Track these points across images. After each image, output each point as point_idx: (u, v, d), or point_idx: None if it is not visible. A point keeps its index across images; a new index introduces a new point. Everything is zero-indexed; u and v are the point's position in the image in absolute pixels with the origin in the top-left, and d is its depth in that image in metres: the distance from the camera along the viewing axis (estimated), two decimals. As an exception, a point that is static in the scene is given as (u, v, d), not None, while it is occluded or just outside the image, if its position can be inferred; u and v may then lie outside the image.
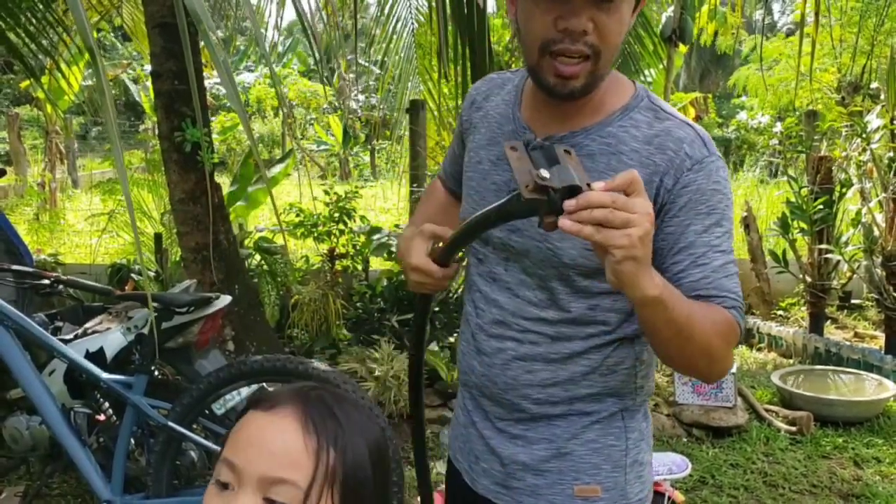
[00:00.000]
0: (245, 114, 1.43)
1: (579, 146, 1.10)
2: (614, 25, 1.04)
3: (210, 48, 1.30)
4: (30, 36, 3.62)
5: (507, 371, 1.20)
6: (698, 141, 1.10)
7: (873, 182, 5.06)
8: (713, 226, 1.08)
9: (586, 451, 1.18)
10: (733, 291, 1.08)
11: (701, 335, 1.02)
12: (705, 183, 1.08)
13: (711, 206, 1.08)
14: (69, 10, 1.24)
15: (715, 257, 1.08)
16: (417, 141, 5.42)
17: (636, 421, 1.21)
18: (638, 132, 1.11)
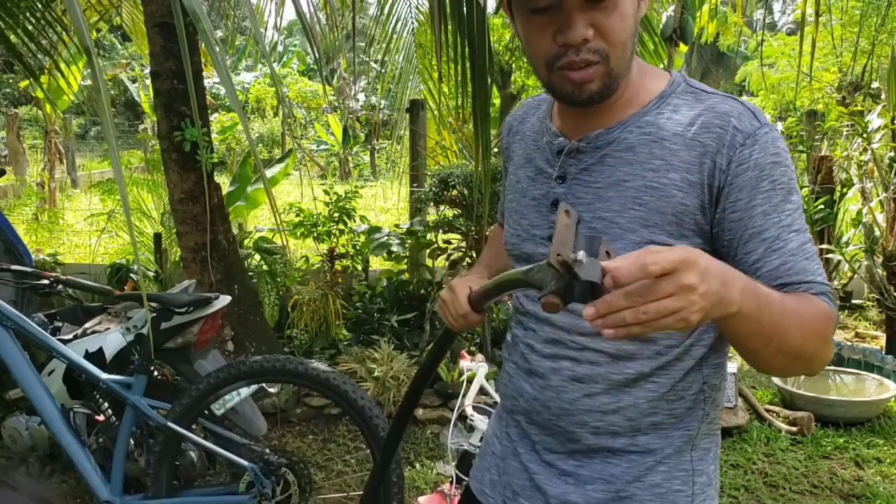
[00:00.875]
0: (244, 114, 1.43)
1: (617, 141, 1.05)
2: (616, 23, 0.99)
3: (210, 48, 1.30)
4: (29, 36, 3.61)
5: (564, 394, 1.09)
6: (747, 113, 1.01)
7: (874, 182, 5.06)
8: (781, 202, 0.99)
9: (649, 496, 1.07)
10: (818, 274, 0.98)
11: (795, 339, 0.92)
12: (762, 157, 0.98)
13: (774, 180, 0.99)
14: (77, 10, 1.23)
15: (790, 238, 0.98)
16: (417, 141, 5.41)
17: (705, 463, 1.10)
18: (679, 115, 1.04)
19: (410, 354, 4.12)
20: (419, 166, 5.40)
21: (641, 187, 1.02)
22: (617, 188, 1.04)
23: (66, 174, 13.52)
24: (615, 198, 1.04)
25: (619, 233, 1.02)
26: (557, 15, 0.98)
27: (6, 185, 11.54)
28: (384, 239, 4.85)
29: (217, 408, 2.54)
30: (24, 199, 10.61)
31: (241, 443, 2.57)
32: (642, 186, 1.02)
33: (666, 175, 1.01)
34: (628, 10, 1.00)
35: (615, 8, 0.98)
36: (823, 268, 1.01)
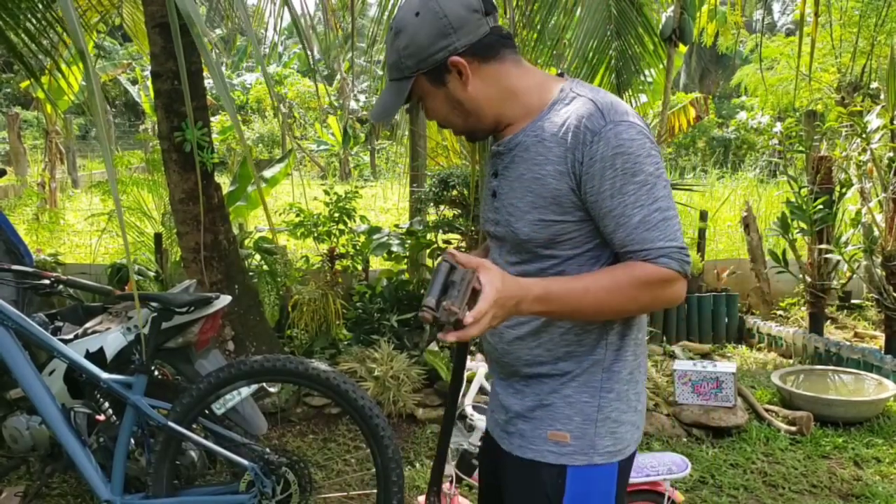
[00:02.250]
0: (237, 117, 1.43)
1: (520, 144, 1.36)
2: (431, 113, 1.42)
3: (203, 51, 1.31)
4: (30, 36, 3.62)
5: (503, 338, 1.44)
6: (597, 113, 1.27)
7: (873, 182, 5.06)
8: (625, 185, 1.25)
9: (563, 404, 1.39)
10: (658, 240, 1.25)
11: (608, 303, 1.27)
12: (606, 150, 1.25)
13: (617, 168, 1.24)
14: (72, 12, 1.23)
15: (633, 214, 1.25)
16: (417, 141, 5.42)
17: (613, 382, 1.39)
18: (557, 118, 1.31)
19: (410, 354, 4.12)
20: (419, 167, 5.41)
21: (531, 178, 1.34)
22: (519, 180, 1.36)
23: (67, 174, 13.53)
24: (518, 188, 1.36)
25: (520, 214, 1.35)
26: None
27: (7, 186, 11.55)
28: (384, 239, 4.86)
29: (217, 407, 2.54)
30: (24, 200, 10.62)
31: (242, 442, 2.57)
32: (531, 178, 1.33)
33: (544, 168, 1.31)
34: (432, 104, 1.39)
35: (425, 106, 1.41)
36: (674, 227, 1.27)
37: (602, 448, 1.38)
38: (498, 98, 1.38)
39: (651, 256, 1.25)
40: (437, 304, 1.14)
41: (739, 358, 5.19)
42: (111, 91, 18.73)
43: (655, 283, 1.26)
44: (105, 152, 1.22)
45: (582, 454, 1.37)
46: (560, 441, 1.38)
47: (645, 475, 2.34)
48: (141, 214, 5.81)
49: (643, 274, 1.26)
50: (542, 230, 1.33)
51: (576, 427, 1.38)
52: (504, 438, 1.48)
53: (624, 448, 1.40)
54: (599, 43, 5.05)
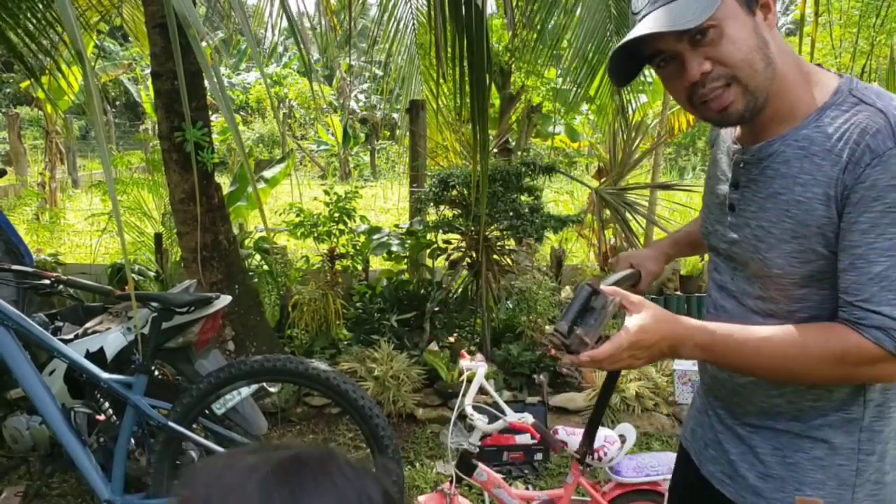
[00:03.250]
0: (234, 121, 1.43)
1: (776, 154, 1.13)
2: (727, 48, 1.06)
3: (199, 54, 1.30)
4: (30, 36, 3.62)
5: (735, 378, 1.25)
6: (885, 130, 1.02)
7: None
8: (887, 226, 1.01)
9: (812, 466, 1.19)
10: (884, 305, 1.02)
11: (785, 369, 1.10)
12: (883, 178, 1.01)
13: (888, 203, 1.01)
14: (69, 12, 1.23)
15: (876, 262, 1.02)
16: (417, 141, 5.42)
17: (876, 443, 1.17)
18: (831, 129, 1.08)
19: (410, 354, 4.13)
20: (419, 167, 5.41)
21: (791, 201, 1.10)
22: (773, 200, 1.13)
23: (67, 174, 13.53)
24: (772, 209, 1.13)
25: (774, 242, 1.13)
26: (673, 64, 1.11)
27: (7, 185, 11.55)
28: (384, 239, 4.87)
29: (218, 407, 2.55)
30: (24, 199, 10.62)
31: (242, 442, 2.57)
32: (792, 200, 1.10)
33: (811, 189, 1.08)
34: (737, 33, 1.06)
35: (721, 37, 1.06)
36: None
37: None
38: (789, 71, 1.11)
39: (865, 322, 1.03)
40: (570, 331, 1.09)
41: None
42: (111, 91, 18.74)
43: (853, 362, 1.05)
44: (103, 153, 1.22)
45: None
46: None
47: (645, 475, 2.34)
48: (141, 214, 5.81)
49: (841, 346, 1.05)
50: (802, 265, 1.10)
51: (829, 492, 1.17)
52: (727, 485, 1.29)
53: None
54: (599, 43, 5.05)
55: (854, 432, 1.16)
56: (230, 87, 18.37)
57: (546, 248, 5.64)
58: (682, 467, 1.47)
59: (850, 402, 1.16)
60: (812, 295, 1.13)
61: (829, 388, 1.16)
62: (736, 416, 1.28)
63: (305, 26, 4.88)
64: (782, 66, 1.10)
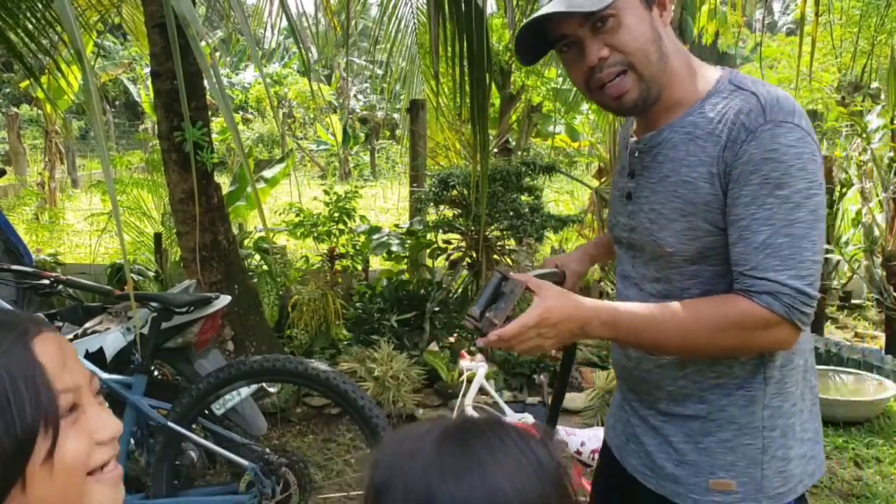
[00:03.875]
0: (233, 121, 1.43)
1: (665, 141, 1.21)
2: (626, 37, 1.14)
3: (198, 55, 1.30)
4: (29, 35, 3.61)
5: (641, 365, 1.30)
6: (757, 109, 1.10)
7: (874, 182, 5.06)
8: (765, 196, 1.08)
9: (721, 449, 1.23)
10: (770, 271, 1.07)
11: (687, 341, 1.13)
12: (757, 152, 1.08)
13: (763, 174, 1.08)
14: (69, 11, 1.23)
15: (759, 231, 1.08)
16: (417, 141, 5.42)
17: (777, 418, 1.22)
18: (713, 113, 1.15)
19: (410, 354, 4.12)
20: (419, 166, 5.40)
21: (679, 182, 1.18)
22: (663, 183, 1.20)
23: (67, 174, 13.53)
24: (662, 192, 1.21)
25: (665, 223, 1.20)
26: (575, 49, 1.18)
27: (6, 185, 11.54)
28: (384, 239, 4.86)
29: (217, 407, 2.54)
30: (24, 199, 10.61)
31: (242, 442, 2.57)
32: (679, 181, 1.18)
33: (696, 169, 1.15)
34: (634, 24, 1.14)
35: (619, 26, 1.13)
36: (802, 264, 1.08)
37: (772, 490, 1.23)
38: (679, 66, 1.20)
39: (755, 288, 1.09)
40: (482, 315, 1.15)
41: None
42: (111, 90, 18.73)
43: (749, 327, 1.10)
44: (102, 153, 1.21)
45: (751, 500, 1.22)
46: (724, 490, 1.23)
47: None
48: (141, 214, 5.81)
49: (735, 313, 1.10)
50: (691, 242, 1.17)
51: (740, 472, 1.22)
52: (648, 476, 1.33)
53: (796, 485, 1.25)
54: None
55: (757, 410, 1.21)
56: (230, 87, 18.36)
57: (546, 248, 5.64)
58: (606, 464, 1.49)
59: (751, 380, 1.21)
60: (703, 271, 1.19)
61: (730, 365, 1.20)
62: (648, 405, 1.32)
63: (305, 26, 4.88)
64: (674, 61, 1.18)
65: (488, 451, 0.68)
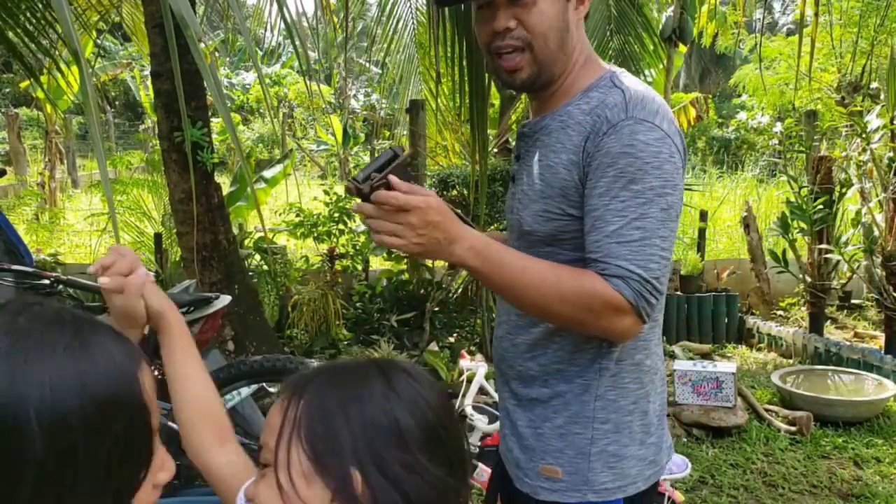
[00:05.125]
0: (231, 121, 1.43)
1: (545, 127, 1.26)
2: (535, 17, 1.18)
3: (196, 55, 1.30)
4: (29, 35, 3.61)
5: (502, 343, 1.36)
6: (621, 104, 1.14)
7: (873, 182, 5.06)
8: (619, 189, 1.11)
9: (554, 435, 1.26)
10: (622, 258, 1.10)
11: (539, 297, 1.13)
12: (615, 146, 1.11)
13: (619, 168, 1.11)
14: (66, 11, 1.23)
15: (612, 221, 1.11)
16: (417, 141, 5.42)
17: (610, 412, 1.24)
18: (587, 106, 1.20)
19: (410, 354, 4.12)
20: (419, 166, 5.41)
21: (544, 166, 1.23)
22: (535, 166, 1.25)
23: (67, 174, 13.53)
24: (531, 175, 1.26)
25: (527, 202, 1.25)
26: (490, 10, 1.21)
27: (7, 185, 11.54)
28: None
29: (219, 406, 2.54)
30: (24, 199, 10.62)
31: (242, 442, 2.57)
32: (545, 165, 1.23)
33: (560, 155, 1.20)
34: (547, 8, 1.18)
35: (534, 4, 1.18)
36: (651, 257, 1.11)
37: (598, 484, 1.23)
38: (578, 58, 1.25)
39: (608, 272, 1.11)
40: (365, 179, 1.09)
41: (739, 358, 5.19)
42: (111, 90, 18.73)
43: (599, 304, 1.11)
44: (98, 153, 1.21)
45: (575, 490, 1.24)
46: (552, 476, 1.25)
47: (645, 475, 2.34)
48: (141, 215, 5.81)
49: (592, 287, 1.11)
50: (545, 223, 1.21)
51: (567, 461, 1.24)
52: (508, 462, 1.36)
53: (627, 485, 1.25)
54: (599, 43, 5.05)
55: (590, 401, 1.24)
56: (229, 88, 18.36)
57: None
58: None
59: (588, 369, 1.23)
60: (557, 254, 1.22)
61: (572, 352, 1.23)
62: (507, 384, 1.34)
63: (304, 26, 4.88)
64: (575, 53, 1.23)
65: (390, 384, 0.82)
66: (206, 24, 9.82)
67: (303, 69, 3.14)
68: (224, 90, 12.13)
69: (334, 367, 0.88)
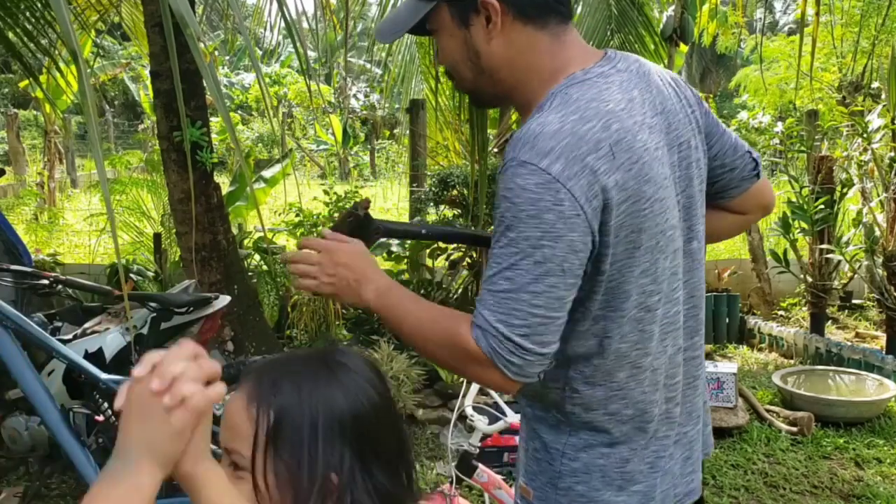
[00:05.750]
0: (230, 120, 1.43)
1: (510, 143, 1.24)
2: (442, 56, 1.20)
3: (196, 54, 1.30)
4: (28, 35, 3.61)
5: None
6: (515, 141, 1.06)
7: (874, 182, 5.06)
8: (500, 234, 1.05)
9: (530, 456, 1.24)
10: (486, 308, 1.05)
11: (421, 341, 1.15)
12: (501, 188, 1.06)
13: (500, 212, 1.05)
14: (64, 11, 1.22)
15: (491, 266, 1.07)
16: (417, 141, 5.41)
17: (581, 451, 1.17)
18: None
19: (410, 355, 4.11)
20: (419, 166, 5.40)
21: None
22: None
23: (66, 174, 13.52)
24: None
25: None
26: None
27: (6, 185, 11.54)
28: (384, 239, 4.85)
29: (217, 408, 2.53)
30: (23, 199, 10.61)
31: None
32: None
33: None
34: (445, 43, 1.18)
35: (438, 42, 1.20)
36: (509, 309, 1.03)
37: None
38: (521, 69, 1.15)
39: (475, 321, 1.06)
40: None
41: (740, 358, 5.18)
42: (110, 90, 18.72)
43: (461, 353, 1.07)
44: (96, 153, 1.20)
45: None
46: (525, 496, 1.22)
47: (646, 476, 2.33)
48: (140, 214, 5.80)
49: (457, 335, 1.07)
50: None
51: (539, 486, 1.20)
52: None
53: None
54: (599, 42, 5.04)
55: (563, 436, 1.19)
56: (229, 87, 18.36)
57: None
58: None
59: (562, 398, 1.17)
60: None
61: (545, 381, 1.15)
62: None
63: (304, 26, 4.87)
64: (513, 69, 1.15)
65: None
66: (206, 23, 9.81)
67: (303, 69, 3.14)
68: (223, 90, 12.07)
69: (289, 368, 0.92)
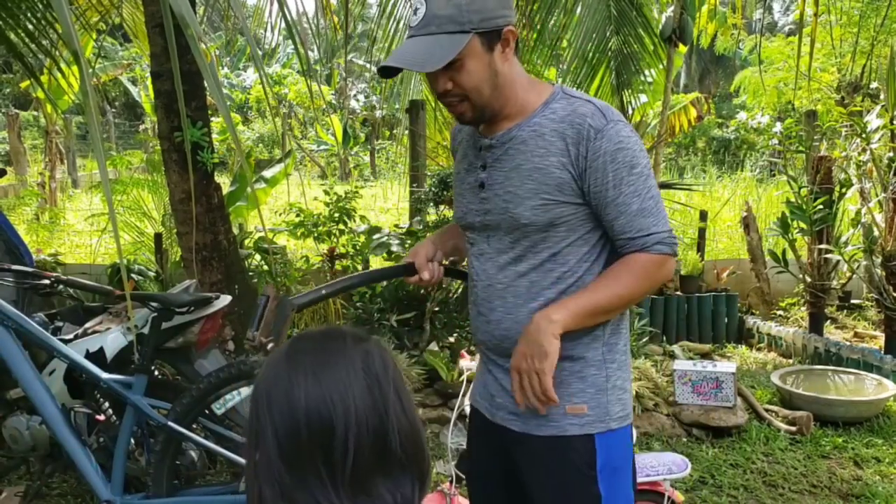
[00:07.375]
0: (231, 120, 1.44)
1: (515, 137, 1.47)
2: (465, 78, 1.40)
3: (197, 55, 1.30)
4: (30, 36, 3.62)
5: (501, 324, 1.52)
6: (598, 113, 1.41)
7: (873, 182, 5.06)
8: (627, 176, 1.40)
9: (574, 379, 1.49)
10: (653, 226, 1.41)
11: (621, 299, 1.44)
12: (609, 146, 1.39)
13: (618, 161, 1.39)
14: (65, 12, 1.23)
15: (632, 203, 1.41)
16: (417, 141, 5.42)
17: (615, 353, 1.52)
18: (555, 115, 1.44)
19: (410, 354, 4.12)
20: (419, 167, 5.41)
21: (531, 168, 1.44)
22: (517, 170, 1.46)
23: (67, 174, 13.53)
24: (516, 177, 1.46)
25: (520, 200, 1.45)
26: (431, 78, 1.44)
27: (7, 185, 11.54)
28: (384, 239, 4.86)
29: (217, 407, 2.55)
30: (24, 199, 10.61)
31: (242, 442, 2.57)
32: (532, 167, 1.44)
33: (547, 159, 1.43)
34: (474, 67, 1.39)
35: (462, 67, 1.39)
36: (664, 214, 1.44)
37: (615, 414, 1.50)
38: (519, 84, 1.47)
39: (648, 244, 1.41)
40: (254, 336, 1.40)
41: (739, 358, 5.19)
42: (111, 91, 18.72)
43: (652, 270, 1.43)
44: (98, 153, 1.21)
45: (600, 422, 1.48)
46: (579, 413, 1.48)
47: (645, 475, 2.34)
48: (141, 215, 5.81)
49: (639, 266, 1.42)
50: (543, 213, 1.43)
51: (590, 398, 1.48)
52: (513, 421, 1.53)
53: (628, 414, 1.53)
54: (599, 43, 5.06)
55: (598, 347, 1.50)
56: (230, 88, 18.35)
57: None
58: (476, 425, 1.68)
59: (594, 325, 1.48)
60: (551, 237, 1.46)
61: None
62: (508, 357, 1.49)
63: (304, 27, 4.88)
64: (512, 85, 1.45)
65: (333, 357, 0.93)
66: (207, 24, 9.81)
67: (303, 69, 3.15)
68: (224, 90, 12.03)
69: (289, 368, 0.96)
